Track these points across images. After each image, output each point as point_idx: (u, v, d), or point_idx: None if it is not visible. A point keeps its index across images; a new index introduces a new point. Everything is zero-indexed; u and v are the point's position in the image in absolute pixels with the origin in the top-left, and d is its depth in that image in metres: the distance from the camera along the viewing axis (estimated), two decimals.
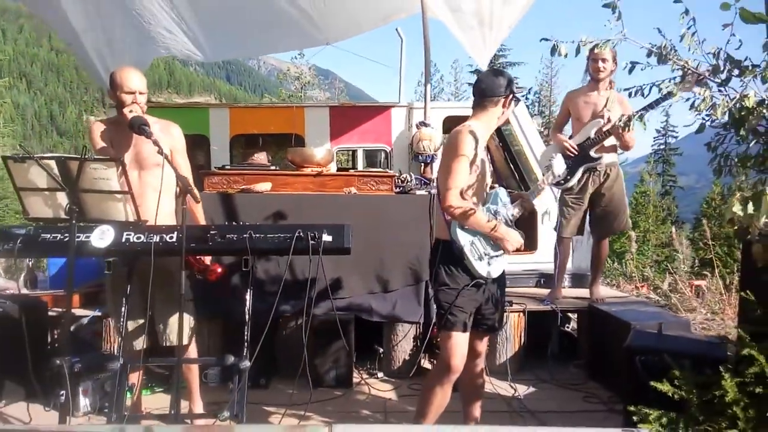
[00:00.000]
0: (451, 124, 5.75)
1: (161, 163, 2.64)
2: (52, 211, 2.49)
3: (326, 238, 2.73)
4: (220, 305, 3.78)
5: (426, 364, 4.23)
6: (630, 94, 2.55)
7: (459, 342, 2.69)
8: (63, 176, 2.40)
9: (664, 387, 2.35)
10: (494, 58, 31.41)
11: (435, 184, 4.66)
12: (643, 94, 2.52)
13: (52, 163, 2.38)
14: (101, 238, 2.62)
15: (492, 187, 2.90)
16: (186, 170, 2.90)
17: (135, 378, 3.13)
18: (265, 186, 4.24)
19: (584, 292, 4.57)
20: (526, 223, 4.58)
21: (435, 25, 5.73)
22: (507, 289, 3.00)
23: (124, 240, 2.66)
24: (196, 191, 2.67)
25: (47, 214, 2.49)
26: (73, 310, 4.08)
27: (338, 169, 5.07)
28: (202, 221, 3.07)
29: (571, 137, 4.37)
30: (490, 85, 2.75)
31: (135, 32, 5.27)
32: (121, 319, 2.80)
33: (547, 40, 2.24)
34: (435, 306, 2.94)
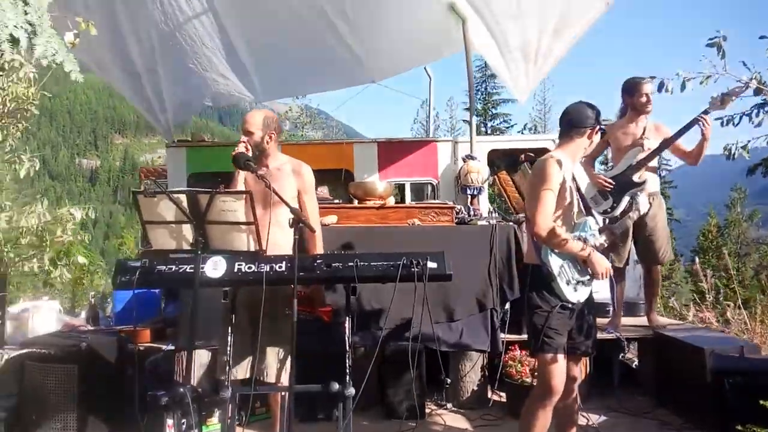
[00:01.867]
0: (494, 157, 5.93)
1: (278, 201, 2.75)
2: (176, 243, 2.58)
3: (431, 265, 2.81)
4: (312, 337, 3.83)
5: (492, 395, 4.26)
6: (721, 124, 2.71)
7: (557, 364, 2.75)
8: (191, 209, 2.50)
9: None
10: (487, 96, 32.09)
11: (491, 214, 4.80)
12: (734, 124, 2.68)
13: (183, 197, 2.47)
14: (214, 268, 2.71)
15: (581, 215, 2.99)
16: (312, 207, 3.03)
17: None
18: (331, 219, 4.35)
19: (635, 320, 4.65)
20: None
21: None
22: None
23: (236, 270, 2.74)
24: (311, 224, 2.76)
25: (170, 246, 2.58)
26: (147, 345, 4.19)
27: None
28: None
29: (612, 167, 4.52)
30: (578, 117, 2.87)
31: (192, 76, 5.45)
32: (228, 349, 2.84)
33: (653, 77, 2.39)
34: (528, 329, 2.96)
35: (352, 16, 5.07)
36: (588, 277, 2.82)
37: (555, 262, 2.76)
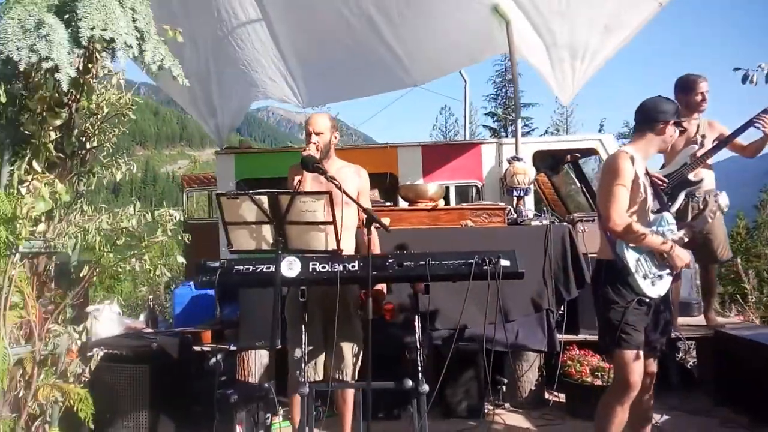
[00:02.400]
0: (540, 157, 5.92)
1: (344, 202, 2.79)
2: (255, 243, 2.64)
3: (504, 262, 2.83)
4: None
5: (551, 396, 4.24)
6: None
7: (637, 360, 2.72)
8: (272, 210, 2.56)
9: None
10: (508, 100, 31.97)
11: (545, 214, 4.78)
12: None
13: (264, 198, 2.53)
14: (290, 268, 2.76)
15: (659, 211, 2.99)
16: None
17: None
18: (384, 221, 4.39)
19: (690, 320, 4.60)
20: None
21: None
22: None
23: (311, 269, 2.79)
24: (384, 223, 2.80)
25: (250, 246, 2.64)
26: (210, 346, 4.27)
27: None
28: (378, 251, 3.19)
29: (663, 166, 4.48)
30: (651, 111, 2.83)
31: (242, 78, 5.56)
32: (303, 347, 2.89)
33: (738, 69, 2.40)
34: (601, 326, 2.93)
35: (398, 20, 5.13)
36: (667, 271, 2.80)
37: (631, 257, 2.76)
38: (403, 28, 5.26)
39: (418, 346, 2.97)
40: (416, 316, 3.03)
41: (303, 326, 2.91)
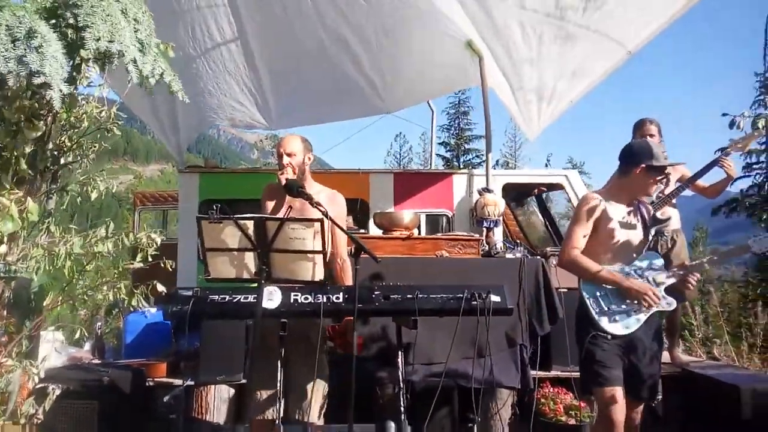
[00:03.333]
0: (509, 190, 5.93)
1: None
2: (236, 271, 2.46)
3: (494, 298, 2.74)
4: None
5: None
6: None
7: (614, 397, 2.69)
8: (257, 236, 2.39)
9: None
10: (460, 131, 32.67)
11: (518, 247, 4.76)
12: None
13: (250, 224, 2.36)
14: (270, 299, 2.58)
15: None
16: (343, 237, 2.92)
17: None
18: None
19: None
20: None
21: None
22: None
23: (292, 300, 2.62)
24: (374, 253, 2.66)
25: (230, 275, 2.46)
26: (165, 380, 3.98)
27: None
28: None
29: None
30: (625, 154, 2.89)
31: (207, 100, 5.37)
32: (279, 385, 2.69)
33: (726, 115, 2.46)
34: (580, 363, 2.91)
35: (375, 47, 5.09)
36: (628, 307, 2.78)
37: (588, 291, 2.83)
38: (381, 55, 5.22)
39: (401, 384, 2.82)
40: (399, 352, 2.90)
41: (279, 362, 2.71)
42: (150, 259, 2.20)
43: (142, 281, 3.23)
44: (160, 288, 2.34)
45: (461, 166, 29.12)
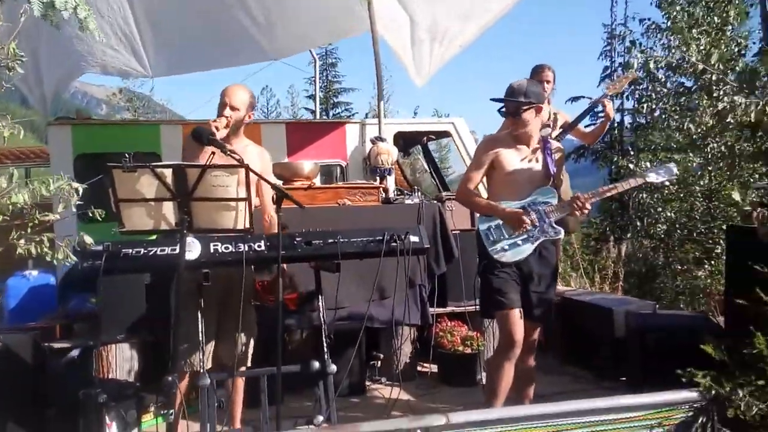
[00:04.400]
0: (401, 138, 6.09)
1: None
2: (153, 223, 2.35)
3: (413, 238, 2.88)
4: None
5: (426, 366, 4.43)
6: None
7: (512, 318, 2.97)
8: (176, 185, 2.29)
9: (708, 349, 2.85)
10: (329, 84, 32.34)
11: (416, 193, 4.94)
12: None
13: (168, 172, 2.26)
14: (189, 250, 2.50)
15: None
16: (270, 193, 2.89)
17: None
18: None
19: None
20: None
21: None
22: None
23: (212, 251, 2.57)
24: (297, 200, 2.65)
25: (147, 226, 2.35)
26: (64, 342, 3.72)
27: None
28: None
29: None
30: (511, 94, 3.04)
31: (76, 45, 4.86)
32: (200, 334, 2.66)
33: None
34: (480, 291, 3.19)
35: None
36: (523, 237, 3.02)
37: (482, 226, 3.08)
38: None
39: (324, 327, 2.91)
40: (319, 296, 2.97)
41: (199, 313, 2.67)
42: (74, 210, 2.03)
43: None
44: (88, 240, 2.16)
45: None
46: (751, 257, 2.94)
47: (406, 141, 6.51)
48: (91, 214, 2.37)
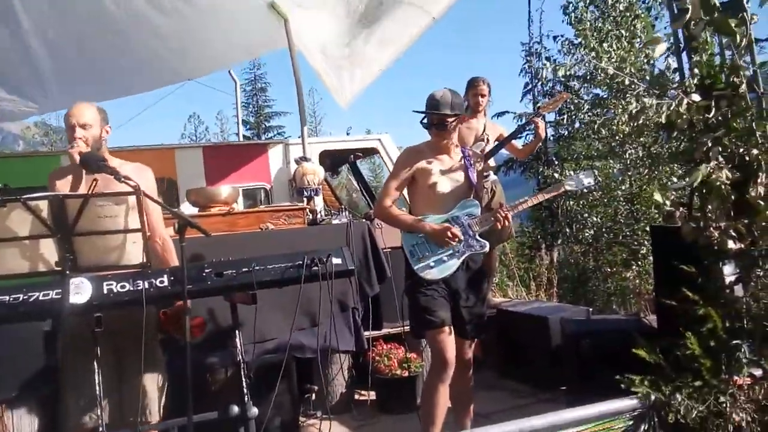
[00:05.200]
0: (328, 157, 5.92)
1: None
2: (29, 264, 2.04)
3: (336, 261, 2.68)
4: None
5: (364, 395, 4.21)
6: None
7: (442, 338, 2.82)
8: (55, 220, 2.00)
9: (641, 353, 2.79)
10: (260, 109, 31.97)
11: (343, 213, 4.76)
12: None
13: (43, 204, 1.97)
14: (77, 292, 2.21)
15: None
16: (159, 214, 2.62)
17: None
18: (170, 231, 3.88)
19: None
20: None
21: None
22: None
23: (106, 291, 2.27)
24: (203, 228, 2.39)
25: (22, 269, 2.04)
26: None
27: None
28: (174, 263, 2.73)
29: None
30: (433, 106, 2.91)
31: None
32: (98, 387, 2.34)
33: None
34: (410, 311, 3.08)
35: (173, 14, 4.60)
36: (448, 252, 2.89)
37: (406, 243, 2.94)
38: (181, 22, 4.75)
39: (243, 364, 2.65)
40: (237, 332, 2.71)
41: (96, 362, 2.35)
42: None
43: None
44: None
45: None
46: (676, 257, 2.93)
47: (333, 160, 6.35)
48: None
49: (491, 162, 4.71)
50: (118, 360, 2.51)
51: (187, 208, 4.56)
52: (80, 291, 2.20)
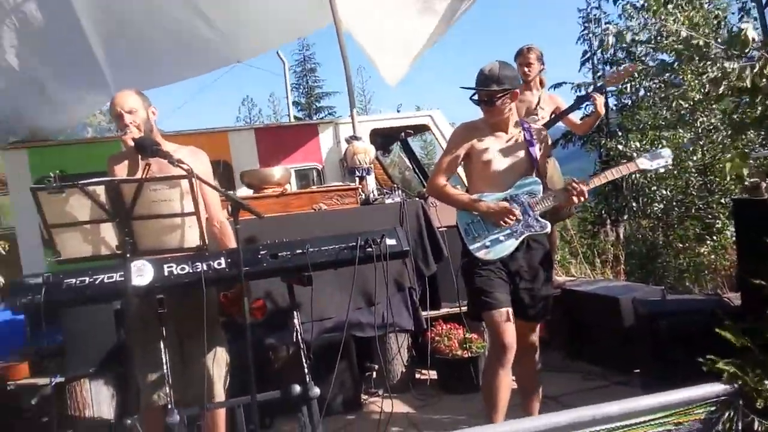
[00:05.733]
0: (378, 136, 5.82)
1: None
2: (92, 248, 2.06)
3: (390, 242, 2.60)
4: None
5: (424, 374, 4.15)
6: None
7: (499, 320, 2.68)
8: (112, 204, 2.01)
9: (727, 334, 2.59)
10: (310, 89, 32.02)
11: (396, 191, 4.67)
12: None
13: (101, 189, 1.97)
14: (140, 274, 2.22)
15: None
16: (215, 197, 2.61)
17: None
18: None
19: None
20: None
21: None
22: None
23: (167, 273, 2.28)
24: (257, 210, 2.36)
25: (86, 252, 2.06)
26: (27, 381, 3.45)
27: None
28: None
29: None
30: (483, 81, 2.76)
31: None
32: (165, 366, 2.37)
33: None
34: (467, 292, 2.94)
35: None
36: (505, 232, 2.75)
37: (460, 221, 2.82)
38: (225, 3, 4.75)
39: (302, 344, 2.63)
40: (295, 312, 2.69)
41: (162, 342, 2.38)
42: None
43: None
44: None
45: None
46: (762, 231, 2.69)
47: (383, 138, 6.24)
48: None
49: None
50: (181, 342, 2.54)
51: (242, 191, 4.59)
52: (143, 273, 2.21)
